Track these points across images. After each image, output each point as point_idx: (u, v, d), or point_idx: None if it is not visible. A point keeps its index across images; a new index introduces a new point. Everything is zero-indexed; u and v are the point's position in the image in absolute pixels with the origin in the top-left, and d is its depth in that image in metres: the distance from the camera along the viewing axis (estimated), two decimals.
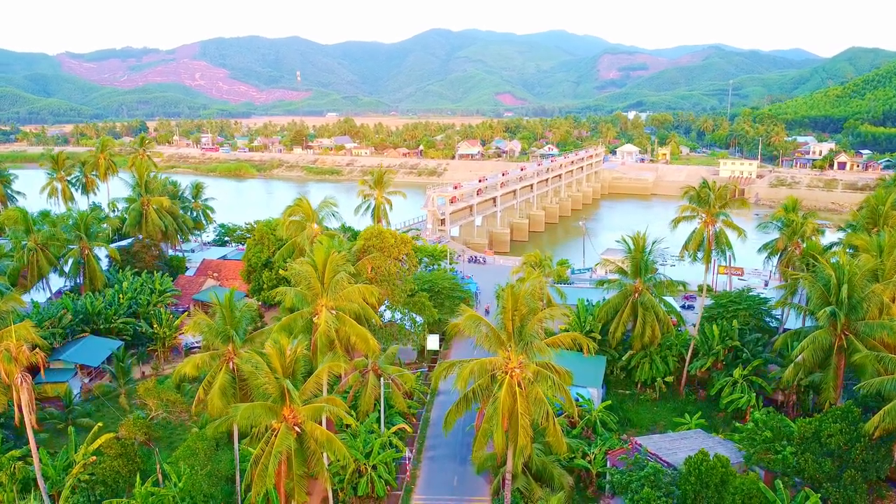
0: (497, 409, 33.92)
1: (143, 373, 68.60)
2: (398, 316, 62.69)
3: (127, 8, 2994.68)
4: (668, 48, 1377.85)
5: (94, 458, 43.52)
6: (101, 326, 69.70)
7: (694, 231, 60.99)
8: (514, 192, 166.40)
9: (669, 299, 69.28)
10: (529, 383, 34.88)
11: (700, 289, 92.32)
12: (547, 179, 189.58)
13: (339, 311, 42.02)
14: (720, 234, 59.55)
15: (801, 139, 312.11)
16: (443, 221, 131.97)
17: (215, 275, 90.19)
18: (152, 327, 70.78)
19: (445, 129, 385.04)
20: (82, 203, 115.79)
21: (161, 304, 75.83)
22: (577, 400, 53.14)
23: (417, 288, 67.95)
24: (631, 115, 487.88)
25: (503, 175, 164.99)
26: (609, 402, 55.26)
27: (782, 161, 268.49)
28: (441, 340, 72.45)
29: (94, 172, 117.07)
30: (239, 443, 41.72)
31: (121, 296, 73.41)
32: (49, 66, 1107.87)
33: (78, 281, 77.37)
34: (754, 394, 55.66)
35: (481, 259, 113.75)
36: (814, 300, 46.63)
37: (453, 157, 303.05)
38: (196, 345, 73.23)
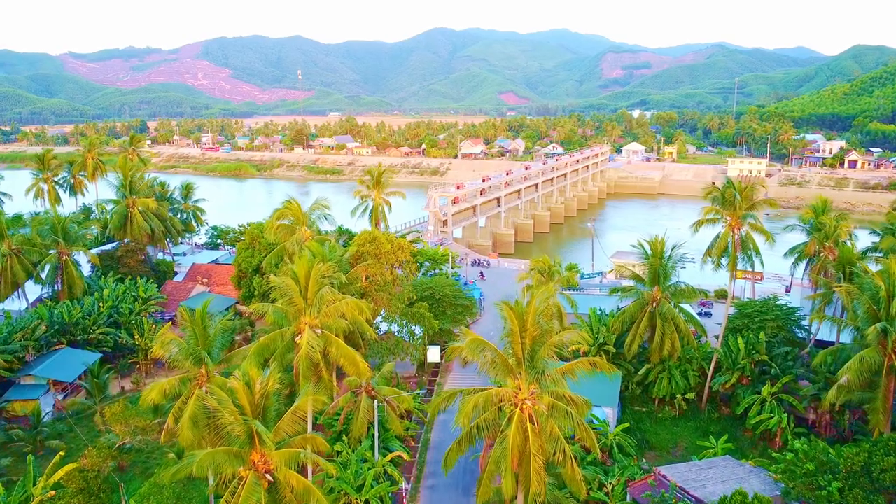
0: (506, 448, 29.06)
1: (123, 387, 63.98)
2: (395, 327, 57.90)
3: (129, 8, 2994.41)
4: (672, 47, 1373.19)
5: (53, 492, 38.85)
6: (79, 338, 65.00)
7: (718, 235, 55.91)
8: (519, 191, 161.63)
9: (686, 306, 64.28)
10: (544, 418, 30.02)
11: (717, 294, 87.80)
12: (552, 179, 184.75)
13: (324, 330, 37.30)
14: (747, 238, 54.52)
15: (809, 137, 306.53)
16: (445, 223, 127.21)
17: (205, 280, 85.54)
18: (133, 338, 66.13)
19: (448, 128, 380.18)
20: (70, 205, 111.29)
21: (145, 313, 71.13)
22: (591, 422, 48.37)
23: (416, 296, 63.25)
24: (636, 113, 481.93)
25: (507, 174, 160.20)
26: (627, 423, 50.41)
27: (791, 160, 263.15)
28: (442, 352, 67.64)
29: (82, 173, 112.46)
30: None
31: (101, 304, 68.70)
32: (52, 67, 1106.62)
33: (56, 288, 72.68)
34: (785, 414, 50.78)
35: (485, 262, 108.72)
36: (860, 314, 41.71)
37: (456, 157, 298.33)
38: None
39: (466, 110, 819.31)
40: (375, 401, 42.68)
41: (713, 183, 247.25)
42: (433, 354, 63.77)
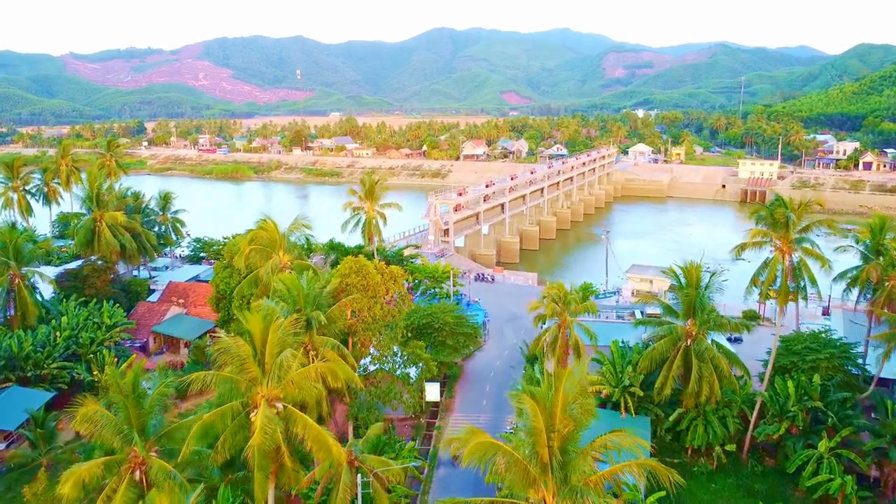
0: None
1: (79, 433, 56.05)
2: (388, 366, 49.91)
3: (130, 8, 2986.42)
4: (674, 46, 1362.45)
5: None
6: (30, 374, 57.21)
7: (766, 262, 47.61)
8: (524, 197, 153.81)
9: (719, 337, 55.94)
10: None
11: (746, 315, 79.51)
12: (558, 183, 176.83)
13: (287, 405, 29.41)
14: (801, 266, 46.37)
15: (819, 138, 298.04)
16: (446, 232, 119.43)
17: (181, 301, 77.62)
18: (92, 374, 58.32)
19: (450, 129, 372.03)
20: (44, 216, 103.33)
21: (110, 342, 63.27)
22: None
23: (413, 326, 55.44)
24: (640, 113, 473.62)
25: (512, 179, 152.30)
26: (662, 492, 42.45)
27: (804, 161, 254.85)
28: (443, 387, 59.80)
29: (55, 180, 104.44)
30: None
31: (57, 333, 60.88)
32: (53, 67, 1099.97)
33: (9, 314, 64.78)
34: (849, 477, 42.88)
35: (489, 277, 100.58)
36: None
37: (458, 159, 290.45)
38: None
39: (468, 110, 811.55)
40: (359, 473, 34.86)
41: (723, 186, 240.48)
42: (432, 392, 55.93)
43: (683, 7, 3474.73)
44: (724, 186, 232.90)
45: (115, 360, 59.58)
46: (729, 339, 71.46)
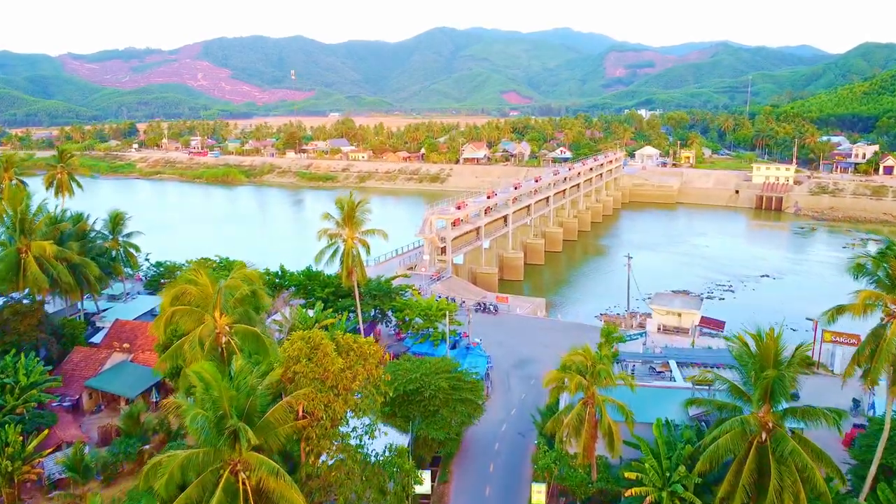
0: None
1: None
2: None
3: (129, 8, 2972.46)
4: (675, 45, 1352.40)
5: None
6: None
7: (875, 332, 35.07)
8: (528, 207, 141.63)
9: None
10: None
11: (796, 363, 67.28)
12: (564, 191, 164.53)
13: None
14: None
15: (833, 139, 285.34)
16: (443, 250, 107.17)
17: (126, 345, 65.16)
18: None
19: (449, 130, 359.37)
20: None
21: (22, 408, 50.91)
22: None
23: (396, 396, 43.08)
24: (646, 114, 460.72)
25: (515, 188, 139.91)
26: None
27: (821, 165, 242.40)
28: (434, 473, 47.39)
29: None
30: None
31: None
32: (51, 67, 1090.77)
33: None
34: None
35: (492, 308, 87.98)
36: None
37: (457, 162, 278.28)
38: (61, 475, 48.48)
39: (468, 110, 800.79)
40: None
41: (737, 192, 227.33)
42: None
43: (684, 6, 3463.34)
44: (737, 192, 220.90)
45: (21, 437, 47.18)
46: None
